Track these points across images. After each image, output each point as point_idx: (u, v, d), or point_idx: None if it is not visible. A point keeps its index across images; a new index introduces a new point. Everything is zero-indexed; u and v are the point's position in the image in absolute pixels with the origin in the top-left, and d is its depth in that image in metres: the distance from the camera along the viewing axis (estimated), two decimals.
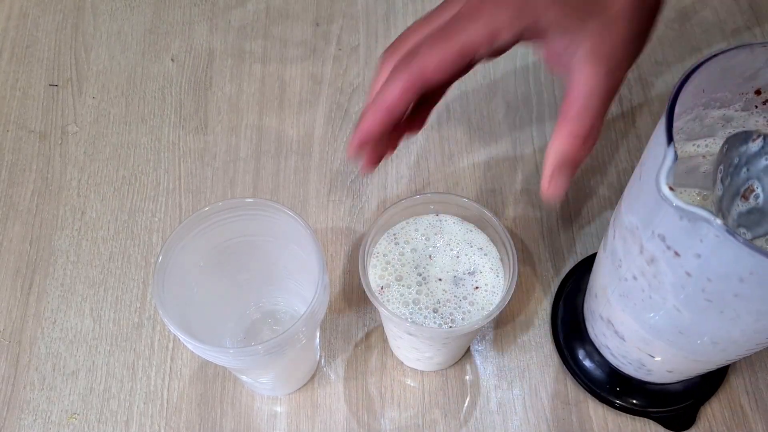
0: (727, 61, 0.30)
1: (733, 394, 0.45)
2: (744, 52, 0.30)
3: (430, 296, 0.40)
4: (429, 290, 0.40)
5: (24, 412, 0.45)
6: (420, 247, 0.42)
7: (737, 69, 0.32)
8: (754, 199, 0.31)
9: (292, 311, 0.46)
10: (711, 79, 0.31)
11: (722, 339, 0.32)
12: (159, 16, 0.62)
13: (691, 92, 0.30)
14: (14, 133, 0.56)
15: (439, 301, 0.40)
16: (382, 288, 0.40)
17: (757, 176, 0.31)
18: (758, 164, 0.31)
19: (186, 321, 0.36)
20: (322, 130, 0.56)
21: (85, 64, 0.60)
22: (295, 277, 0.42)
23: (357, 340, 0.47)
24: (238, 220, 0.38)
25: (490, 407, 0.45)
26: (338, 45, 0.60)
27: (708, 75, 0.30)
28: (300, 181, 0.54)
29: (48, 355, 0.47)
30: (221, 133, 0.56)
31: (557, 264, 0.50)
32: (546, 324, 0.48)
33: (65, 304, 0.49)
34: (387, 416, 0.45)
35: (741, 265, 0.26)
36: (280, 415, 0.45)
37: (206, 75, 0.59)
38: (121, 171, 0.54)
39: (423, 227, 0.42)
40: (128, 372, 0.46)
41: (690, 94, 0.30)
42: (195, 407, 0.45)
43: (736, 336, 0.32)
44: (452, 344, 0.42)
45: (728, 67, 0.31)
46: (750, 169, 0.31)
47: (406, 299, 0.40)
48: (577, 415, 0.45)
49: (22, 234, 0.51)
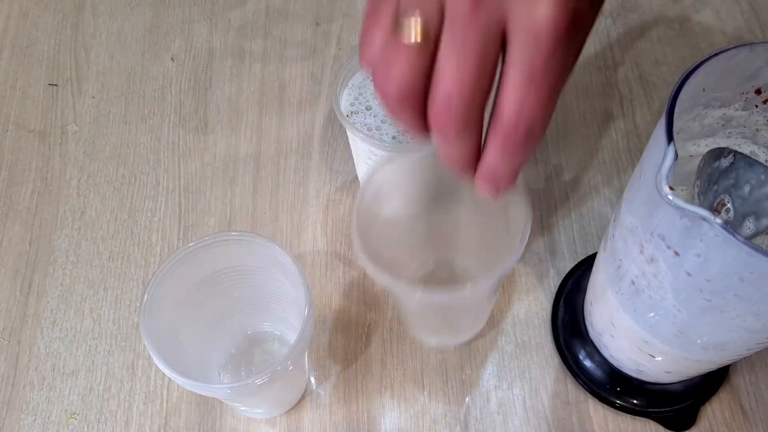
0: (727, 61, 0.30)
1: (734, 394, 0.45)
2: (744, 51, 0.30)
3: (393, 125, 0.43)
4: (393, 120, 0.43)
5: (23, 411, 0.45)
6: None
7: (737, 68, 0.32)
8: (725, 213, 0.32)
9: (279, 333, 0.46)
10: (711, 78, 0.31)
11: (722, 339, 0.32)
12: (159, 16, 0.62)
13: (691, 91, 0.30)
14: (14, 132, 0.56)
15: (400, 131, 0.43)
16: (351, 114, 0.44)
17: (727, 191, 0.32)
18: (728, 180, 0.32)
19: (175, 356, 0.37)
20: (322, 130, 0.56)
21: (85, 63, 0.60)
22: (279, 302, 0.43)
23: (356, 341, 0.47)
24: (224, 252, 0.39)
25: (490, 407, 0.45)
26: (338, 45, 0.60)
27: (708, 74, 0.30)
28: (300, 181, 0.54)
29: (48, 354, 0.47)
30: (221, 133, 0.56)
31: (557, 264, 0.50)
32: (546, 324, 0.48)
33: (65, 304, 0.49)
34: (387, 415, 0.45)
35: (741, 265, 0.26)
36: (280, 414, 0.45)
37: (206, 75, 0.59)
38: (121, 170, 0.54)
39: None
40: (128, 372, 0.46)
41: (690, 93, 0.30)
42: (194, 407, 0.45)
43: (736, 336, 0.32)
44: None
45: (728, 66, 0.31)
46: (720, 183, 0.32)
47: (370, 126, 0.44)
48: (577, 415, 0.45)
49: (21, 234, 0.51)
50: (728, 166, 0.32)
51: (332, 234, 0.51)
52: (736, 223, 0.32)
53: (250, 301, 0.43)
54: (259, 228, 0.52)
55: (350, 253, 0.50)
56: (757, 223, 0.32)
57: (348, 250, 0.51)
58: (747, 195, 0.32)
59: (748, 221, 0.32)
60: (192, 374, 0.35)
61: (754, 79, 0.33)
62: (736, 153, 0.32)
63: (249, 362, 0.45)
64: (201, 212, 0.52)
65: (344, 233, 0.51)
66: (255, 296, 0.43)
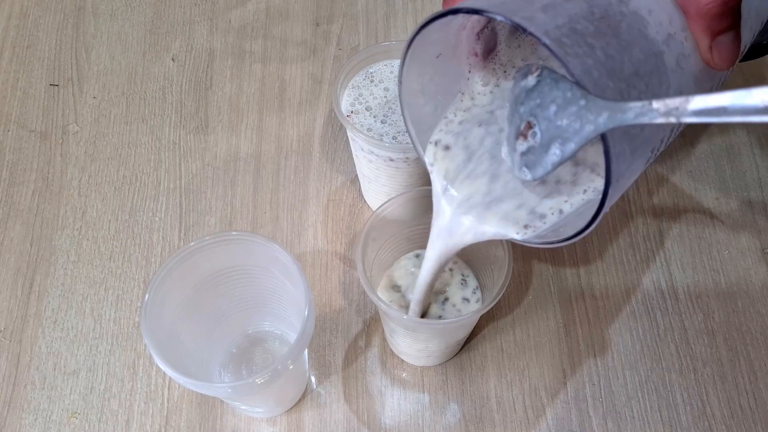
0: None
1: (733, 393, 0.45)
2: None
3: (393, 126, 0.44)
4: (393, 121, 0.45)
5: (25, 411, 0.45)
6: (393, 87, 0.46)
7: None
8: (532, 138, 0.30)
9: (279, 333, 0.46)
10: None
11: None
12: (159, 16, 0.62)
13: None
14: (15, 132, 0.56)
15: (400, 131, 0.44)
16: (351, 114, 0.45)
17: (533, 113, 0.30)
18: (534, 100, 0.30)
19: (176, 355, 0.37)
20: (322, 130, 0.56)
21: (86, 63, 0.60)
22: (279, 302, 0.43)
23: (357, 340, 0.47)
24: (224, 252, 0.39)
25: (490, 407, 0.45)
26: (338, 45, 0.60)
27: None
28: (300, 181, 0.54)
29: (49, 354, 0.47)
30: (221, 133, 0.56)
31: (557, 263, 0.50)
32: (546, 323, 0.48)
33: (66, 304, 0.49)
34: (387, 415, 0.45)
35: None
36: (280, 413, 0.45)
37: (206, 75, 0.59)
38: (122, 170, 0.54)
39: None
40: (129, 371, 0.46)
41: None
42: (195, 406, 0.45)
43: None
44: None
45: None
46: (526, 104, 0.30)
47: (370, 126, 0.45)
48: (577, 415, 0.45)
49: (22, 234, 0.52)
50: (535, 84, 0.30)
51: (332, 234, 0.51)
52: (542, 149, 0.30)
53: (250, 301, 0.43)
54: (260, 228, 0.52)
55: (350, 253, 0.51)
56: (563, 148, 0.28)
57: (348, 249, 0.51)
58: (553, 116, 0.28)
59: (555, 146, 0.29)
60: (193, 373, 0.35)
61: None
62: (543, 69, 0.29)
63: (249, 361, 0.45)
64: (202, 212, 0.52)
65: (344, 233, 0.51)
66: (255, 296, 0.43)
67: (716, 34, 0.30)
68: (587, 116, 0.26)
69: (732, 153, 0.55)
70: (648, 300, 0.49)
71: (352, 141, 0.46)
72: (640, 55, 0.28)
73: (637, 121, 0.25)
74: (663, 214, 0.52)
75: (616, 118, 0.25)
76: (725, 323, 0.48)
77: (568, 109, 0.27)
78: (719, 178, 0.53)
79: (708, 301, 0.48)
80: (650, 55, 0.29)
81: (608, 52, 0.27)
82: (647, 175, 0.54)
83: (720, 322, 0.48)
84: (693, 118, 0.23)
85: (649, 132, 0.29)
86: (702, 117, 0.23)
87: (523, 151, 0.31)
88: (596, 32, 0.27)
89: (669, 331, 0.47)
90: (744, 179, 0.53)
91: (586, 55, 0.27)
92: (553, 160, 0.29)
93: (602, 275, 0.49)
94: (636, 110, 0.25)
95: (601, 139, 0.26)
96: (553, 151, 0.29)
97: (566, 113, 0.27)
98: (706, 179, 0.53)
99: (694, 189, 0.53)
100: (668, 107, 0.24)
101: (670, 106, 0.24)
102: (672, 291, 0.49)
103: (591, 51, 0.27)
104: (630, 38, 0.28)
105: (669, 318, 0.48)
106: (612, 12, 0.28)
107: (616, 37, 0.28)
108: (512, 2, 0.28)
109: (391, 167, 0.44)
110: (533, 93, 0.30)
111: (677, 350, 0.47)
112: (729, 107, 0.22)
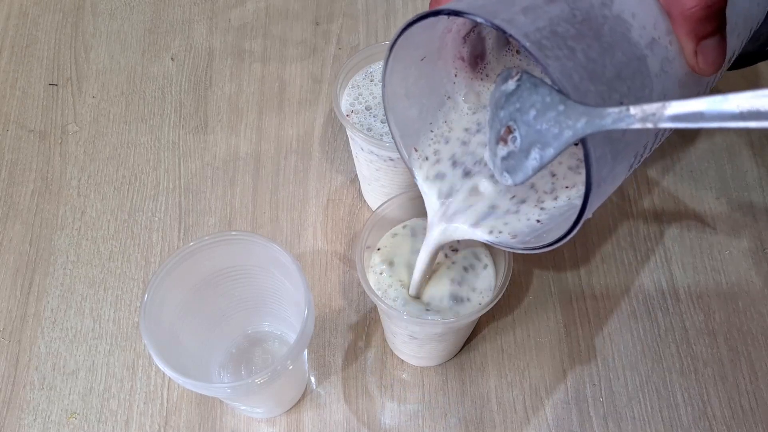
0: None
1: (734, 394, 0.45)
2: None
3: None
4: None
5: (24, 411, 0.45)
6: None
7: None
8: (512, 142, 0.30)
9: (279, 333, 0.46)
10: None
11: None
12: (159, 16, 0.62)
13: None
14: (14, 132, 0.56)
15: None
16: (351, 114, 0.45)
17: (513, 117, 0.29)
18: (514, 104, 0.29)
19: (176, 356, 0.37)
20: (321, 129, 0.56)
21: (85, 63, 0.60)
22: (279, 302, 0.43)
23: (356, 340, 0.47)
24: (223, 253, 0.39)
25: (490, 407, 0.45)
26: (338, 44, 0.60)
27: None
28: (299, 181, 0.54)
29: (48, 354, 0.47)
30: (221, 133, 0.56)
31: (558, 264, 0.50)
32: (546, 323, 0.48)
33: (65, 304, 0.49)
34: (386, 415, 0.45)
35: None
36: (280, 414, 0.45)
37: (206, 74, 0.59)
38: (121, 170, 0.54)
39: None
40: (128, 371, 0.46)
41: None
42: (195, 407, 0.45)
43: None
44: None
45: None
46: (506, 108, 0.30)
47: (370, 126, 0.44)
48: (577, 416, 0.45)
49: (22, 233, 0.51)
50: (515, 88, 0.29)
51: (332, 234, 0.51)
52: (522, 154, 0.29)
53: (250, 301, 0.43)
54: (259, 228, 0.52)
55: (350, 253, 0.50)
56: (543, 153, 0.28)
57: (348, 249, 0.51)
58: (532, 121, 0.28)
59: (534, 151, 0.29)
60: (192, 374, 0.35)
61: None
62: (524, 74, 0.29)
63: (249, 362, 0.45)
64: (201, 212, 0.52)
65: (344, 233, 0.51)
66: (255, 296, 0.43)
67: (701, 38, 0.30)
68: (566, 121, 0.26)
69: (732, 153, 0.55)
70: (648, 300, 0.48)
71: (352, 141, 0.46)
72: (622, 59, 0.28)
73: (615, 127, 0.25)
74: (663, 214, 0.52)
75: (594, 124, 0.25)
76: (726, 323, 0.48)
77: (547, 113, 0.27)
78: (720, 178, 0.53)
79: (709, 301, 0.48)
80: (633, 59, 0.28)
81: (589, 55, 0.27)
82: (647, 175, 0.54)
83: (721, 323, 0.48)
84: (670, 123, 0.23)
85: (632, 136, 0.29)
86: (679, 122, 0.23)
87: (503, 155, 0.31)
88: (577, 35, 0.27)
89: (670, 331, 0.47)
90: (744, 179, 0.53)
91: (566, 58, 0.26)
92: (534, 165, 0.29)
93: (602, 275, 0.49)
94: (614, 116, 0.25)
95: (581, 143, 0.26)
96: (533, 155, 0.29)
97: (545, 118, 0.27)
98: (707, 179, 0.53)
99: (695, 189, 0.53)
100: (645, 113, 0.24)
101: (648, 111, 0.23)
102: (673, 291, 0.49)
103: (572, 54, 0.27)
104: (612, 41, 0.28)
105: (670, 318, 0.48)
106: (594, 15, 0.28)
107: (598, 40, 0.28)
108: (493, 5, 0.28)
109: (390, 167, 0.44)
110: (513, 97, 0.29)
111: (678, 350, 0.47)
112: (706, 113, 0.22)
